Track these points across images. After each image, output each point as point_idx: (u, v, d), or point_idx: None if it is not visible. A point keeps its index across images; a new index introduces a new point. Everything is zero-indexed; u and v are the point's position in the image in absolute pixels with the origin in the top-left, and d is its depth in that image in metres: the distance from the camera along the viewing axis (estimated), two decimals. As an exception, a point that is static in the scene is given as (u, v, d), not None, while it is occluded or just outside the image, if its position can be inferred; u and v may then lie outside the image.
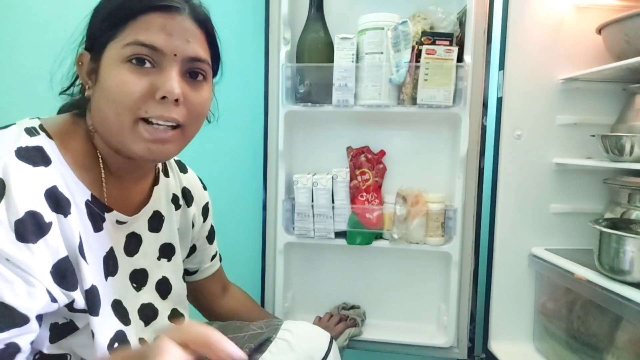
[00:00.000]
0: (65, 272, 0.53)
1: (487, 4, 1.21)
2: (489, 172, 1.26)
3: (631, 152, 1.01)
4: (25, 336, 0.50)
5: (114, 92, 0.55)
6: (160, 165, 0.77)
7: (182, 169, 0.86)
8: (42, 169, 0.52)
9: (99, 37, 0.57)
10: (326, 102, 1.16)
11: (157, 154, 0.58)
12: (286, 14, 1.17)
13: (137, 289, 0.69)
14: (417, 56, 1.12)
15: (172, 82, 0.56)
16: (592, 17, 1.15)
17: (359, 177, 1.23)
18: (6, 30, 1.30)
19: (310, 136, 1.31)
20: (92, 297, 0.57)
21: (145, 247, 0.70)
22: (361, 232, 1.20)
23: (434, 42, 1.11)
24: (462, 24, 1.17)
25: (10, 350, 0.48)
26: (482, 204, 1.28)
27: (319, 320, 1.23)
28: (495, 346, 1.27)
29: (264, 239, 1.32)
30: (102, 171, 0.61)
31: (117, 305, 0.63)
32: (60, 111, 0.66)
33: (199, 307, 0.97)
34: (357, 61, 1.13)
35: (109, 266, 0.62)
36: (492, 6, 1.22)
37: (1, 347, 0.47)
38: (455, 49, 1.10)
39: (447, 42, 1.11)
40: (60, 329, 0.58)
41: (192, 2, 0.61)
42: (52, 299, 0.52)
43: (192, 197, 0.84)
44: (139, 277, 0.69)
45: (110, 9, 0.57)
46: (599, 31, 1.13)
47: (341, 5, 1.24)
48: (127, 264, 0.67)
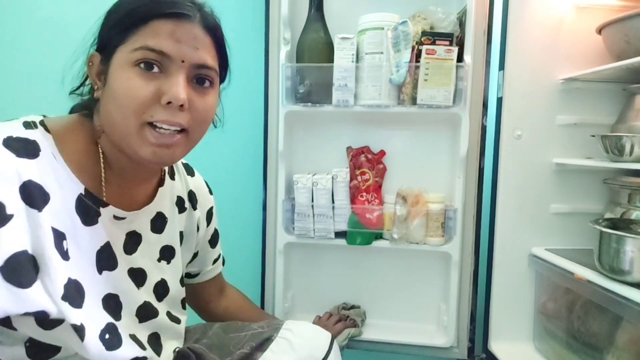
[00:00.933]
0: (18, 266, 0.50)
1: (487, 4, 1.21)
2: (489, 172, 1.27)
3: (631, 152, 1.01)
4: None
5: (121, 95, 0.56)
6: (167, 167, 0.77)
7: (189, 172, 0.86)
8: (24, 160, 0.51)
9: (109, 39, 0.58)
10: (326, 102, 1.16)
11: (163, 157, 0.59)
12: (286, 14, 1.17)
13: (137, 287, 0.69)
14: (417, 56, 1.12)
15: (178, 88, 0.57)
16: (592, 17, 1.15)
17: (359, 177, 1.23)
18: (6, 30, 1.30)
19: (310, 136, 1.31)
20: (72, 290, 0.55)
21: (145, 247, 0.70)
22: (361, 232, 1.20)
23: (434, 42, 1.11)
24: (462, 24, 1.17)
25: None
26: (482, 204, 1.28)
27: (318, 319, 1.23)
28: (495, 346, 1.27)
29: (263, 239, 1.32)
30: (103, 169, 0.61)
31: (110, 298, 0.62)
32: (71, 111, 0.66)
33: (194, 307, 0.97)
34: (357, 61, 1.13)
35: (104, 260, 0.61)
36: (492, 6, 1.22)
37: None
38: (455, 49, 1.10)
39: (447, 42, 1.11)
40: (38, 346, 0.57)
41: (203, 9, 0.62)
42: None
43: (197, 201, 0.84)
44: (138, 276, 0.69)
45: (121, 13, 0.58)
46: (599, 31, 1.13)
47: (341, 5, 1.25)
48: (125, 261, 0.66)
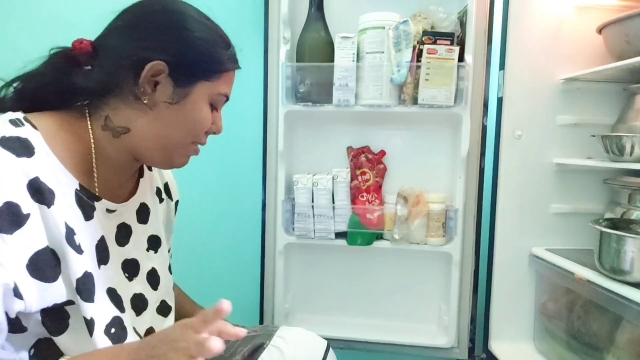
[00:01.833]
0: (42, 263, 0.53)
1: (488, 4, 1.20)
2: (489, 172, 1.26)
3: (631, 152, 1.01)
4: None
5: (194, 121, 0.64)
6: None
7: None
8: (24, 159, 0.52)
9: (193, 68, 0.62)
10: (326, 102, 1.15)
11: (182, 165, 0.69)
12: (286, 13, 1.16)
13: (129, 278, 0.70)
14: (418, 56, 1.12)
15: (221, 123, 0.70)
16: (593, 17, 1.15)
17: (360, 177, 1.22)
18: (5, 30, 1.29)
19: (309, 136, 1.30)
20: (86, 284, 0.57)
21: (135, 238, 0.71)
22: (362, 233, 1.19)
23: (435, 42, 1.10)
24: (462, 23, 1.17)
25: None
26: (482, 204, 1.27)
27: None
28: (495, 346, 1.27)
29: (263, 240, 1.31)
30: (94, 162, 0.62)
31: (111, 292, 0.64)
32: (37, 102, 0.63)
33: None
34: (357, 60, 1.13)
35: (100, 254, 0.62)
36: (493, 6, 1.21)
37: None
38: (456, 49, 1.09)
39: (448, 42, 1.11)
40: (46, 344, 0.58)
41: None
42: (16, 294, 0.51)
43: (171, 192, 0.86)
44: (131, 267, 0.70)
45: (210, 47, 0.63)
46: (599, 31, 1.13)
47: (341, 4, 1.24)
48: (118, 253, 0.67)
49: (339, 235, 1.23)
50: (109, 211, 0.65)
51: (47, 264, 0.53)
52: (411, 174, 1.28)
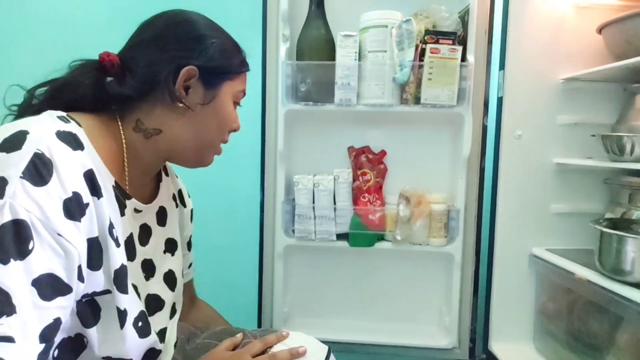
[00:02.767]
0: (93, 252, 0.57)
1: (489, 3, 1.20)
2: (489, 172, 1.26)
3: (632, 152, 1.01)
4: (67, 309, 0.53)
5: (224, 119, 0.71)
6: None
7: (174, 173, 0.90)
8: (79, 152, 0.56)
9: (218, 69, 0.69)
10: (328, 101, 1.13)
11: (210, 164, 0.75)
12: (285, 10, 1.14)
13: (146, 278, 0.73)
14: (421, 55, 1.10)
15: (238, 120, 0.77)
16: (593, 17, 1.15)
17: (360, 178, 1.21)
18: (4, 30, 1.26)
19: (309, 136, 1.28)
20: (121, 276, 0.61)
21: (154, 240, 0.74)
22: (364, 234, 1.18)
23: (437, 41, 1.09)
24: (464, 23, 1.16)
25: (56, 324, 0.51)
26: (482, 204, 1.27)
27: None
28: (495, 346, 1.27)
29: (261, 242, 1.29)
30: (126, 161, 0.66)
31: (135, 288, 0.67)
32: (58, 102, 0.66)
33: None
34: (359, 59, 1.11)
35: (128, 251, 0.66)
36: (493, 6, 1.21)
37: (50, 321, 0.50)
38: (459, 48, 1.09)
39: (451, 41, 1.10)
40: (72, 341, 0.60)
41: None
42: (79, 277, 0.55)
43: (183, 200, 0.89)
44: (148, 268, 0.73)
45: (229, 50, 0.70)
46: (600, 31, 1.13)
47: (341, 2, 1.22)
48: (140, 252, 0.71)
49: (340, 236, 1.21)
50: (136, 211, 0.69)
51: (95, 253, 0.57)
52: (411, 174, 1.27)
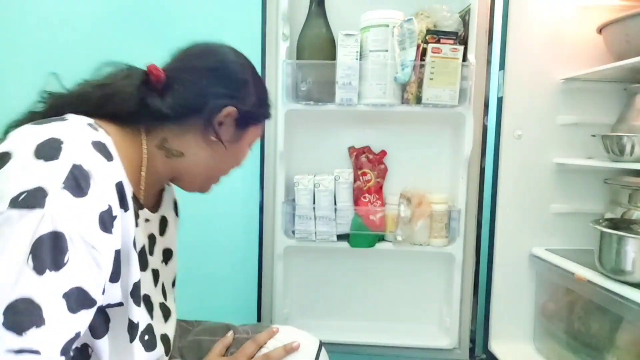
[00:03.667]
0: (115, 264, 0.57)
1: (489, 3, 1.19)
2: (489, 172, 1.26)
3: (632, 152, 1.01)
4: (87, 322, 0.53)
5: (238, 158, 0.75)
6: None
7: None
8: (112, 163, 0.56)
9: (251, 115, 0.72)
10: (328, 101, 1.12)
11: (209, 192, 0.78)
12: (285, 9, 1.13)
13: (155, 285, 0.74)
14: (422, 55, 1.10)
15: None
16: (593, 17, 1.15)
17: (361, 178, 1.20)
18: (6, 30, 1.24)
19: (309, 136, 1.27)
20: (137, 289, 0.62)
21: (157, 249, 0.75)
22: (365, 235, 1.17)
23: (438, 41, 1.09)
24: (465, 22, 1.15)
25: (76, 337, 0.51)
26: (482, 204, 1.27)
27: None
28: (495, 346, 1.27)
29: (260, 243, 1.27)
30: (144, 173, 0.67)
31: (146, 299, 0.68)
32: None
33: None
34: (360, 59, 1.10)
35: (141, 261, 0.66)
36: (494, 6, 1.20)
37: (73, 335, 0.50)
38: (461, 48, 1.08)
39: (452, 41, 1.09)
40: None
41: None
42: (102, 291, 0.55)
43: (177, 210, 0.89)
44: (156, 277, 0.75)
45: (264, 100, 0.74)
46: (600, 31, 1.13)
47: (341, 1, 1.21)
48: (150, 263, 0.72)
49: (340, 237, 1.20)
50: (146, 220, 0.70)
51: (117, 266, 0.57)
52: (411, 174, 1.26)
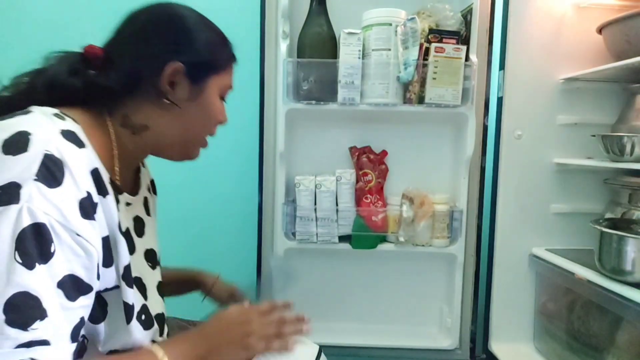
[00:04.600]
0: (105, 249, 0.57)
1: (490, 3, 1.19)
2: (490, 172, 1.26)
3: (632, 152, 1.02)
4: (89, 308, 0.54)
5: (210, 114, 0.69)
6: None
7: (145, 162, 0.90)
8: (84, 150, 0.55)
9: (202, 64, 0.66)
10: (330, 100, 1.10)
11: (196, 157, 0.73)
12: (286, 6, 1.11)
13: (152, 267, 0.73)
14: (424, 54, 1.08)
15: (226, 113, 0.73)
16: (593, 17, 1.16)
17: (362, 178, 1.18)
18: (6, 30, 1.21)
19: (309, 136, 1.24)
20: (128, 271, 0.61)
21: (147, 229, 0.74)
22: (367, 236, 1.15)
23: (440, 40, 1.08)
24: (466, 22, 1.15)
25: (82, 323, 0.52)
26: (483, 204, 1.26)
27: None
28: (495, 346, 1.27)
29: (259, 245, 1.25)
30: (116, 156, 0.64)
31: (137, 281, 0.68)
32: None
33: None
34: (362, 58, 1.08)
35: (129, 244, 0.65)
36: (494, 6, 1.20)
37: (77, 321, 0.51)
38: (464, 48, 1.07)
39: (454, 41, 1.08)
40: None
41: None
42: (97, 276, 0.55)
43: (155, 189, 0.87)
44: (151, 257, 0.73)
45: (216, 44, 0.68)
46: (600, 31, 1.14)
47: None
48: (140, 244, 0.71)
49: (341, 238, 1.19)
50: (127, 204, 0.68)
51: (108, 251, 0.57)
52: (412, 174, 1.25)
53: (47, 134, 0.52)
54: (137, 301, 0.65)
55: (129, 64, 0.63)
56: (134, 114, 0.65)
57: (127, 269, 0.61)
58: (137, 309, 0.64)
